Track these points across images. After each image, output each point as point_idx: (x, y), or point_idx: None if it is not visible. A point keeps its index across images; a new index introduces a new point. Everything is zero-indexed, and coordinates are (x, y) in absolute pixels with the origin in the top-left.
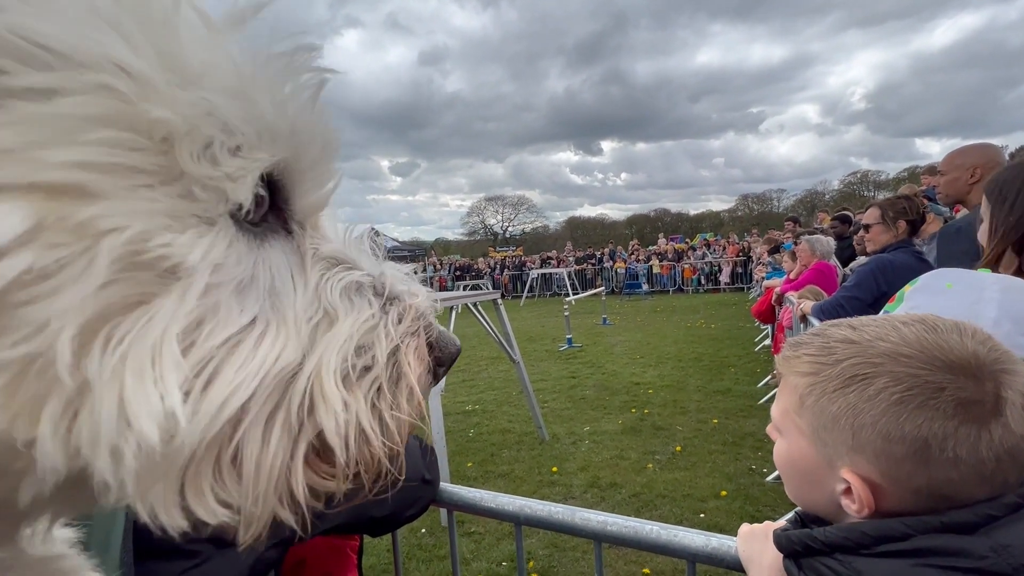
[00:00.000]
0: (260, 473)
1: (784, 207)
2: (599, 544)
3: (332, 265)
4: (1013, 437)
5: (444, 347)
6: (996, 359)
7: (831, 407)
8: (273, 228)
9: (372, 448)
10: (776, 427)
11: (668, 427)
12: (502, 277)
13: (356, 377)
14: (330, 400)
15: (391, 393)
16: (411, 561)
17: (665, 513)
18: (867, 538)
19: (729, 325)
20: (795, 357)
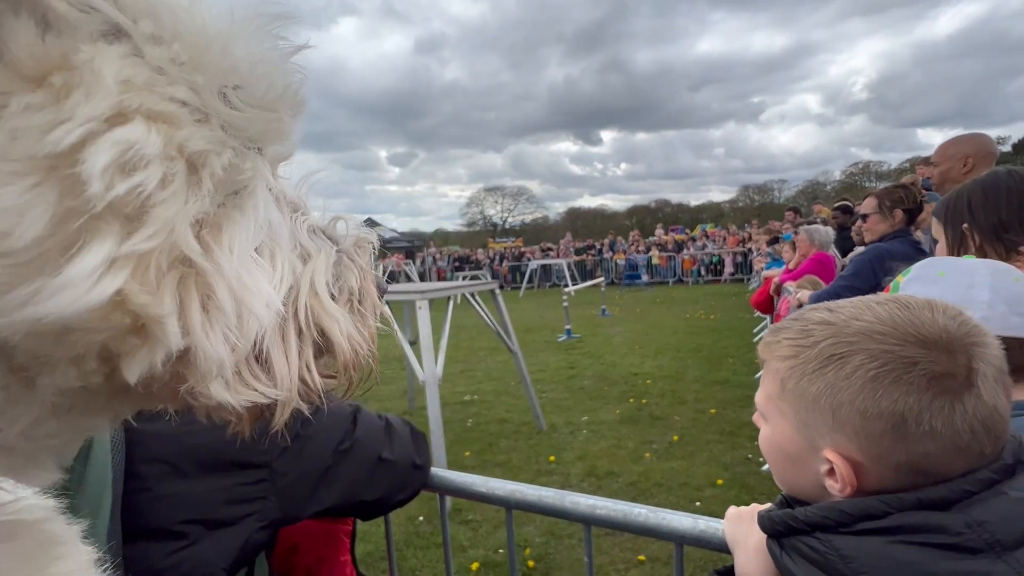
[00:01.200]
0: (287, 366)
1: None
2: (588, 527)
3: (295, 208)
4: (986, 408)
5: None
6: (967, 332)
7: (811, 388)
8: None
9: (360, 348)
10: (761, 414)
11: (666, 417)
12: (501, 268)
13: (340, 297)
14: (330, 311)
15: (361, 310)
16: (408, 548)
17: (661, 502)
18: (846, 516)
19: (728, 316)
20: (775, 342)
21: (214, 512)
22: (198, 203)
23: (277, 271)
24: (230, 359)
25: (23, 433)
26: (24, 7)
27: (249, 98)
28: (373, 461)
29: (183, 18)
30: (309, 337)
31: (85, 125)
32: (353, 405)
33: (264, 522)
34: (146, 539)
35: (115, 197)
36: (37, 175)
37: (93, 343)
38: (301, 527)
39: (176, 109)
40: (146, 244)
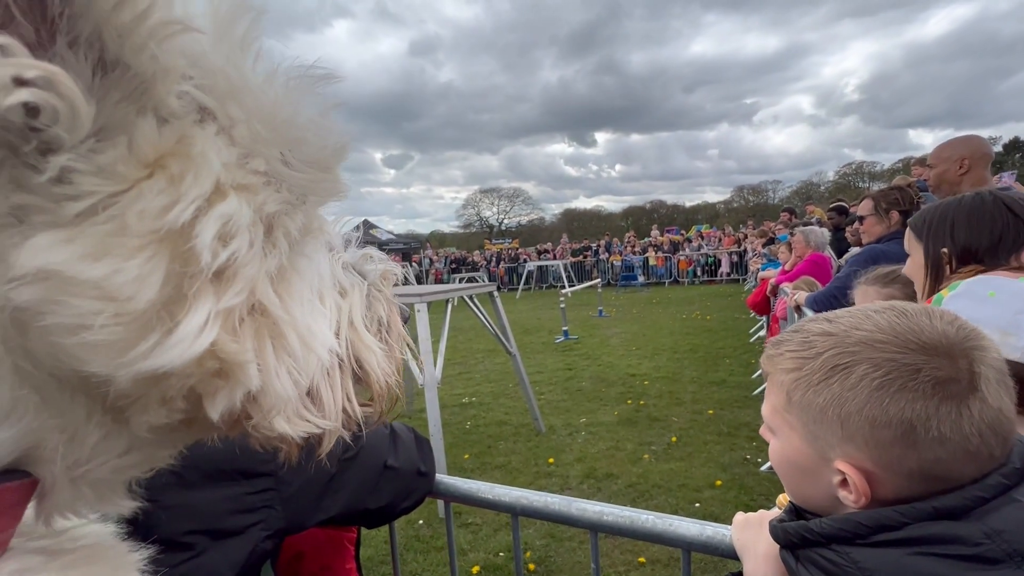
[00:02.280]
0: (333, 398)
1: (780, 198)
2: (595, 534)
3: (331, 248)
4: (991, 410)
5: (401, 312)
6: (966, 336)
7: (817, 399)
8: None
9: (391, 379)
10: (768, 427)
11: (664, 418)
12: (498, 269)
13: (373, 330)
14: (369, 345)
15: (393, 341)
16: (408, 552)
17: (660, 503)
18: (863, 528)
19: (725, 316)
20: (778, 355)
21: (220, 522)
22: (274, 259)
23: (328, 311)
24: (294, 395)
25: (113, 467)
26: (148, 107)
27: (306, 157)
28: (378, 469)
29: (260, 98)
30: (349, 369)
31: (194, 203)
32: None
33: (270, 531)
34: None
35: (219, 265)
36: (155, 247)
37: (184, 386)
38: (306, 535)
39: (255, 179)
40: (235, 300)
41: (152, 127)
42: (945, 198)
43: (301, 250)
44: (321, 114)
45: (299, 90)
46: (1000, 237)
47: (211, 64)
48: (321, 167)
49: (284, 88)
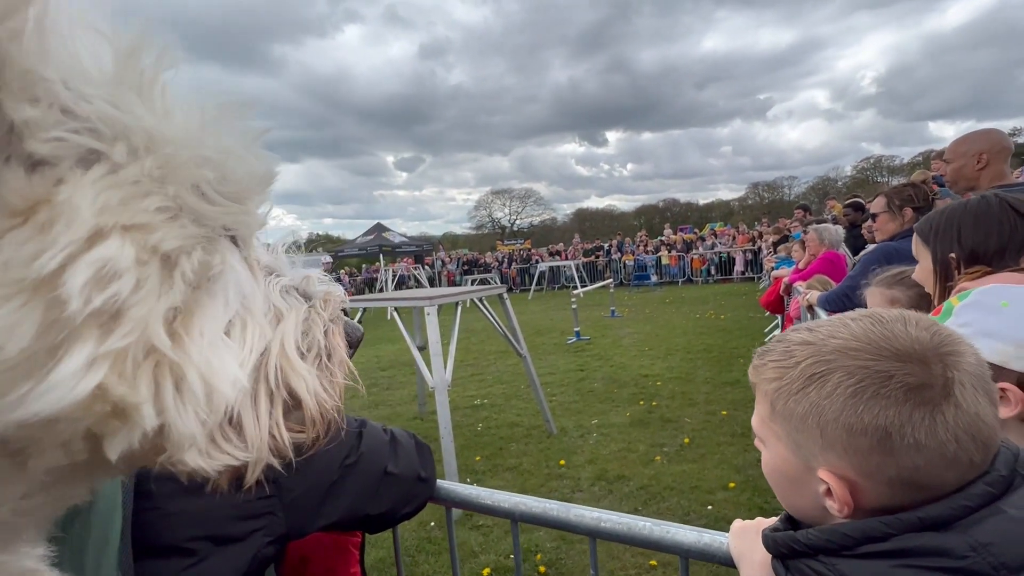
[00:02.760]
0: (257, 427)
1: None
2: (594, 540)
3: (269, 272)
4: (967, 416)
5: (351, 332)
6: (940, 343)
7: (797, 408)
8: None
9: (326, 405)
10: (759, 438)
11: (676, 419)
12: (510, 270)
13: (308, 355)
14: (299, 370)
15: (332, 365)
16: (420, 554)
17: (672, 505)
18: (848, 539)
19: (739, 316)
20: (762, 365)
21: (222, 528)
22: (170, 296)
23: (247, 342)
24: (201, 432)
25: (13, 509)
26: (12, 155)
27: (226, 190)
28: (378, 475)
29: (156, 132)
30: (279, 397)
31: (64, 251)
32: (359, 420)
33: (272, 537)
34: (156, 556)
35: (93, 309)
36: (24, 296)
37: (78, 429)
38: (311, 539)
39: (149, 218)
40: (121, 342)
41: (19, 176)
42: (956, 199)
43: (212, 287)
44: (242, 144)
45: (217, 121)
46: (1008, 240)
47: (100, 104)
48: (241, 198)
49: (198, 120)
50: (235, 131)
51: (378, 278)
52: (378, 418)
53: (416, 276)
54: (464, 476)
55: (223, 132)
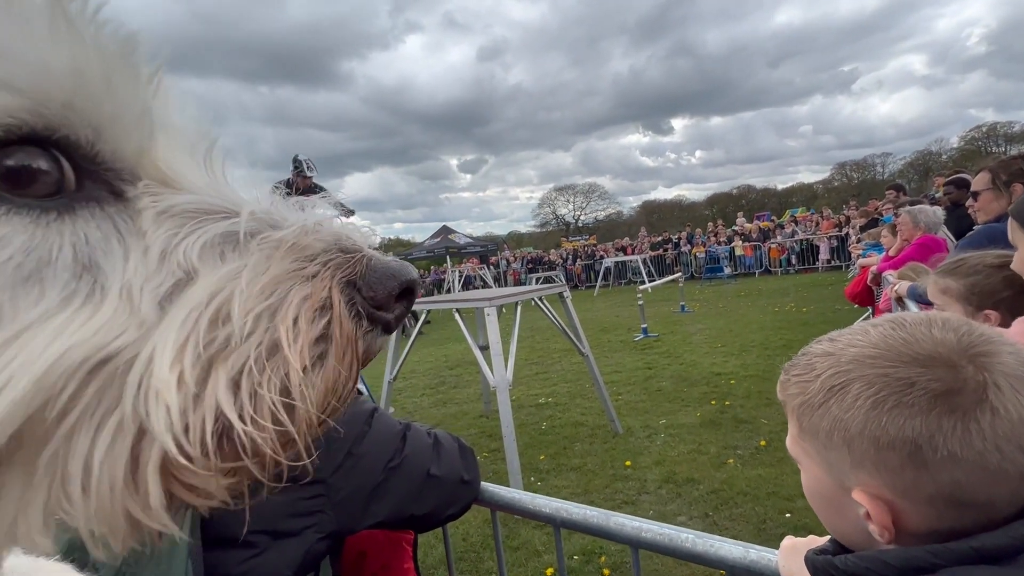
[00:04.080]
0: (96, 486)
1: (890, 173)
2: (636, 550)
3: (190, 219)
4: (1007, 422)
5: (376, 283)
6: (970, 343)
7: (822, 424)
8: (89, 196)
9: (246, 441)
10: (794, 458)
11: (752, 420)
12: (575, 267)
13: (216, 354)
14: (161, 391)
15: (271, 369)
16: (485, 551)
17: (747, 512)
18: (889, 569)
19: (824, 308)
20: (787, 381)
21: (278, 524)
22: None
23: (66, 338)
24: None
25: None
26: None
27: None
28: (422, 477)
29: None
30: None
31: None
32: (403, 423)
33: (322, 533)
34: (221, 547)
35: None
36: None
37: None
38: (367, 536)
39: None
40: None
41: None
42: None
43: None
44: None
45: None
46: None
47: None
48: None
49: None
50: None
51: (445, 279)
52: (445, 416)
53: (482, 276)
54: (528, 475)
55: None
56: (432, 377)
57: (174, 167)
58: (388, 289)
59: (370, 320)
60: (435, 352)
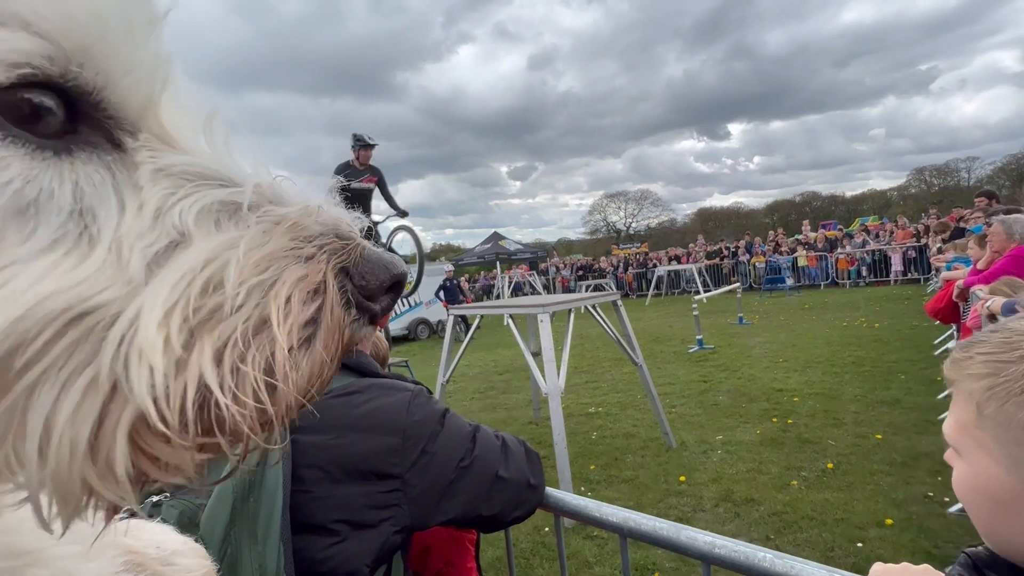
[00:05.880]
0: (56, 445)
1: (977, 179)
2: (708, 566)
3: (188, 181)
4: None
5: (368, 273)
6: None
7: (1020, 413)
8: (88, 140)
9: (223, 414)
10: (954, 448)
11: (817, 440)
12: (626, 275)
13: (203, 323)
14: (145, 352)
15: (258, 346)
16: (535, 558)
17: (812, 537)
18: None
19: (899, 324)
20: (966, 359)
21: (359, 515)
22: None
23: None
24: None
25: None
26: None
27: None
28: (491, 478)
29: None
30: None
31: None
32: (473, 424)
33: (398, 527)
34: (308, 533)
35: None
36: None
37: None
38: (433, 532)
39: None
40: None
41: None
42: None
43: None
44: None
45: None
46: None
47: None
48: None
49: None
50: None
51: (495, 285)
52: (494, 421)
53: (531, 282)
54: (578, 485)
55: None
56: (481, 382)
57: (176, 126)
58: (380, 280)
59: (359, 308)
60: (484, 357)
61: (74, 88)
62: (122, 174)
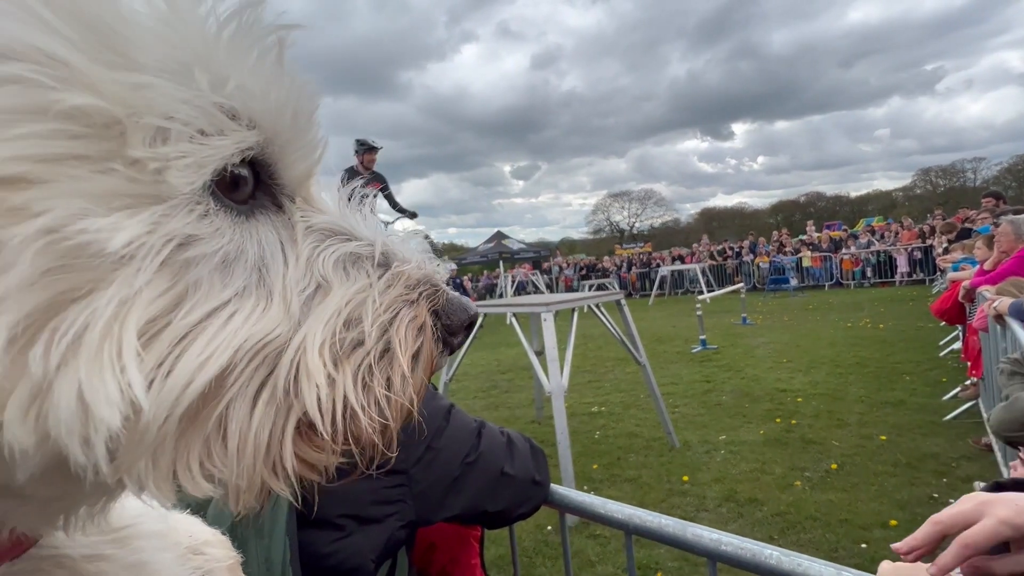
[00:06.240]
0: (247, 447)
1: (983, 179)
2: (714, 564)
3: (326, 236)
4: None
5: (453, 314)
6: None
7: None
8: (262, 204)
9: (360, 426)
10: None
11: (821, 441)
12: (629, 275)
13: (346, 352)
14: (313, 375)
15: (380, 370)
16: (537, 556)
17: (816, 538)
18: None
19: (904, 325)
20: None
21: (364, 510)
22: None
23: (238, 323)
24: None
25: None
26: None
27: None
28: (496, 474)
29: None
30: (292, 407)
31: None
32: (478, 421)
33: (403, 522)
34: (314, 527)
35: None
36: None
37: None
38: (437, 528)
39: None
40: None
41: None
42: None
43: (180, 253)
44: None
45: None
46: None
47: None
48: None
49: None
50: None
51: (498, 284)
52: (497, 420)
53: (534, 282)
54: (581, 484)
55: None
56: (484, 381)
57: (315, 191)
58: (460, 320)
59: (443, 343)
60: (487, 356)
61: (260, 161)
62: (284, 232)
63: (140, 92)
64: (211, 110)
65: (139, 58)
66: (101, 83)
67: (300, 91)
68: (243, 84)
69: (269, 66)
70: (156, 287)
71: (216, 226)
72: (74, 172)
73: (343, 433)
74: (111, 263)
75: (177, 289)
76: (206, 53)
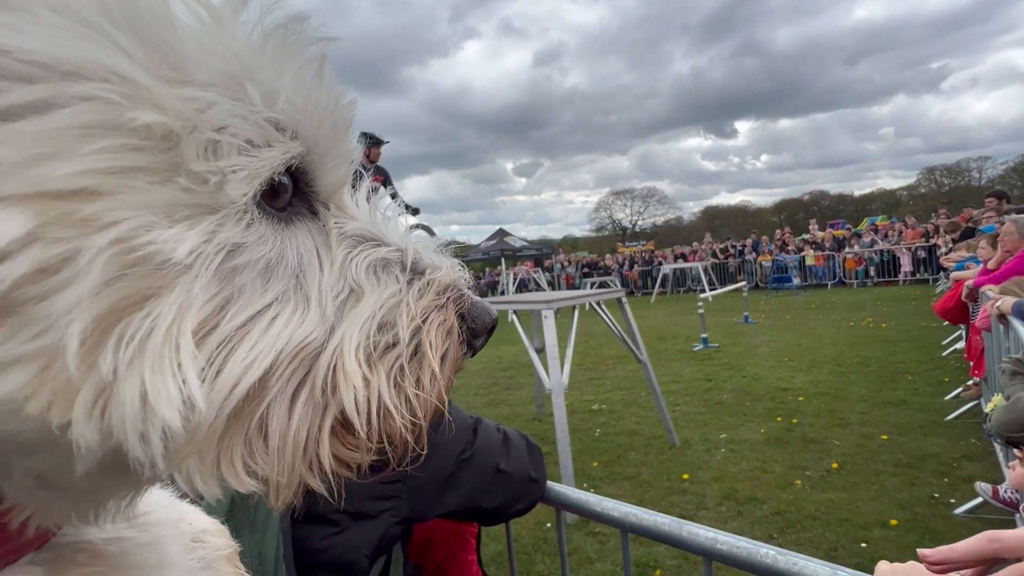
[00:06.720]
0: (286, 445)
1: (988, 179)
2: (709, 562)
3: (358, 243)
4: None
5: (477, 318)
6: None
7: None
8: (299, 211)
9: (393, 424)
10: None
11: (822, 440)
12: (631, 273)
13: (379, 354)
14: (350, 376)
15: (411, 371)
16: (536, 553)
17: (816, 537)
18: None
19: (907, 324)
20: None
21: (359, 505)
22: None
23: (279, 327)
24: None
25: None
26: None
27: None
28: (491, 471)
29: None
30: (328, 407)
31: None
32: (474, 417)
33: (398, 518)
34: (308, 522)
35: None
36: None
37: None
38: (434, 525)
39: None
40: (28, 346)
41: None
42: None
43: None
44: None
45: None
46: None
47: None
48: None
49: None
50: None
51: (500, 281)
52: (497, 417)
53: (536, 279)
54: (580, 481)
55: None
56: (485, 378)
57: (346, 197)
58: (483, 324)
59: (468, 345)
60: (488, 353)
61: (300, 170)
62: (319, 238)
63: (198, 107)
64: (262, 123)
65: (194, 73)
66: (164, 99)
67: (339, 102)
68: (290, 97)
69: (310, 77)
70: (207, 292)
71: (260, 234)
72: (136, 184)
73: (377, 431)
74: (174, 272)
75: (224, 294)
76: (254, 66)
